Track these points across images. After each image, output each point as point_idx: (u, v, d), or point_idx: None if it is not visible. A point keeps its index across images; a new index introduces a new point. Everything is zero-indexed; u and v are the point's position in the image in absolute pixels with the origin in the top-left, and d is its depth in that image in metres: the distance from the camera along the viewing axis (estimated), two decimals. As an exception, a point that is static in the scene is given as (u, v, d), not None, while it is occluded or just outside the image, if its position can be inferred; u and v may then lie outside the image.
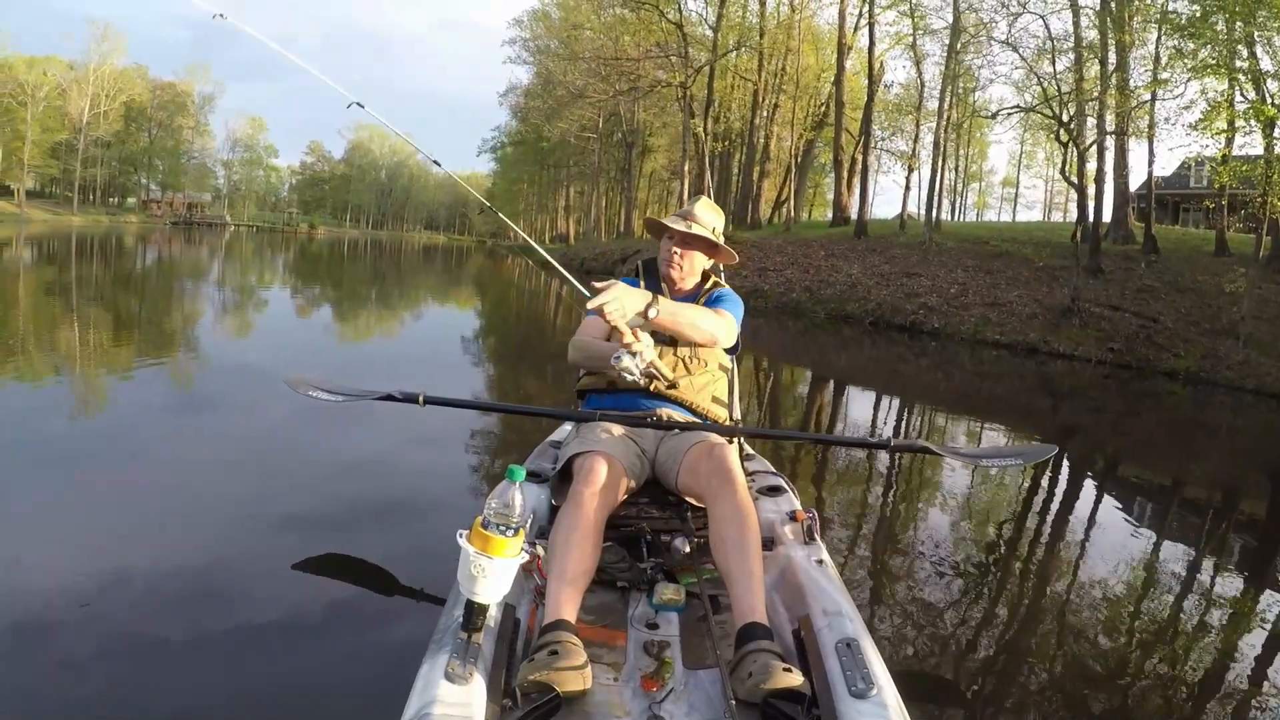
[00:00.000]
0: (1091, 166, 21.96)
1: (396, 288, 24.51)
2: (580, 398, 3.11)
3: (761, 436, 5.45)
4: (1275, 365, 14.21)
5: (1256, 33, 17.05)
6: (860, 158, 33.01)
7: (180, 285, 19.26)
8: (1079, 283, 18.19)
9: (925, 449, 3.08)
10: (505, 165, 77.87)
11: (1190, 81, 19.38)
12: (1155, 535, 5.60)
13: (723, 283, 3.17)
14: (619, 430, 2.78)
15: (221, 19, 3.88)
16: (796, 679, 1.90)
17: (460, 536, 1.91)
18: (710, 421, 2.91)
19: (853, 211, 32.32)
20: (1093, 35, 22.37)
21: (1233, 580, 4.74)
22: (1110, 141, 22.28)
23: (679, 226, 2.97)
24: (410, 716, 1.70)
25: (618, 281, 2.45)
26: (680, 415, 2.89)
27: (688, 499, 2.74)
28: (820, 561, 2.49)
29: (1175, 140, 65.82)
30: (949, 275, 21.81)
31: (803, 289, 23.16)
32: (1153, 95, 20.94)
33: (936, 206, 29.38)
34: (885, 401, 9.27)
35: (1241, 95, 18.20)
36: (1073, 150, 20.71)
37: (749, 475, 3.06)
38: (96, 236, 41.31)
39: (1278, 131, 16.43)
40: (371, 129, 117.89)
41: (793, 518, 2.80)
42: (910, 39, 30.85)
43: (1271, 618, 4.12)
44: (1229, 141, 18.76)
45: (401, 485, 4.92)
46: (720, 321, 2.76)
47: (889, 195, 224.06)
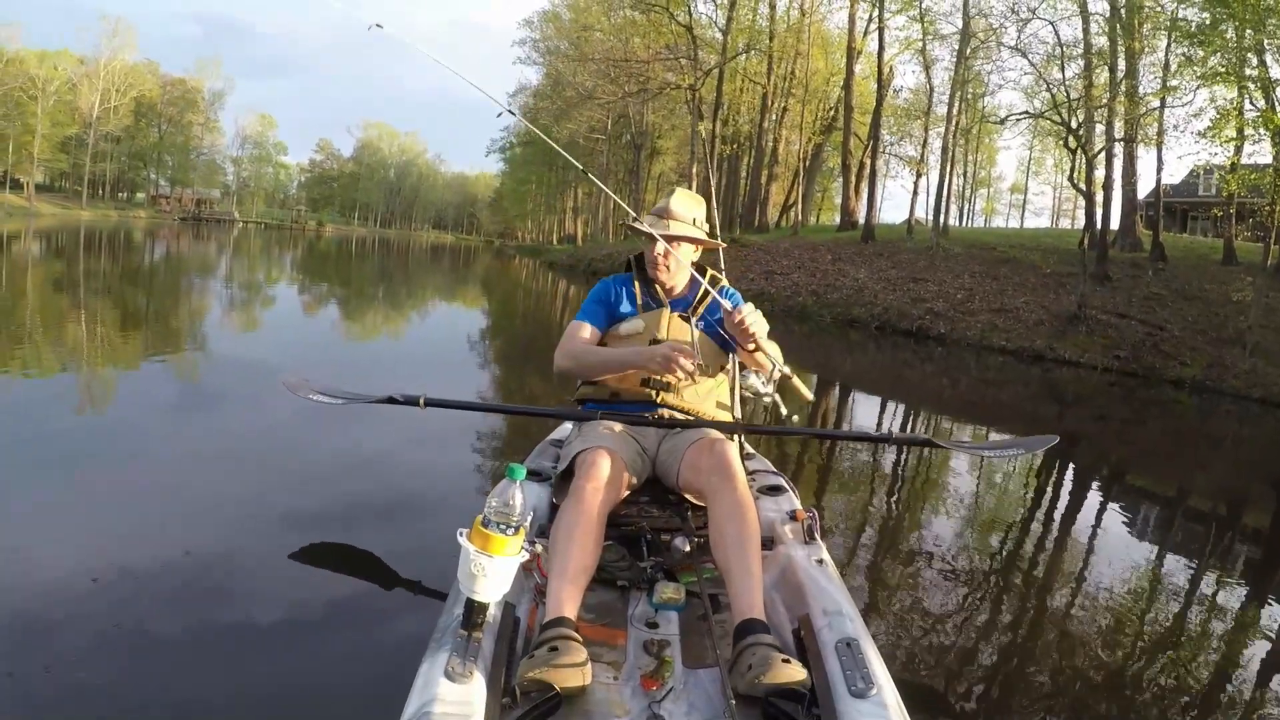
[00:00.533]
0: (1100, 173, 21.91)
1: (404, 287, 24.53)
2: (579, 406, 3.08)
3: (762, 433, 5.46)
4: (1282, 375, 14.17)
5: (1266, 41, 17.02)
6: (868, 162, 32.99)
7: (187, 281, 19.30)
8: (1086, 290, 18.16)
9: (928, 441, 3.12)
10: (514, 166, 78.03)
11: (1199, 89, 19.38)
12: (1157, 543, 5.59)
13: (721, 277, 3.12)
14: (620, 428, 2.78)
15: (378, 29, 3.88)
16: (797, 672, 1.90)
17: (460, 535, 1.90)
18: (712, 420, 2.90)
19: (860, 216, 32.32)
20: (1102, 42, 22.33)
21: (1235, 591, 4.71)
22: (1119, 148, 22.24)
23: (657, 231, 2.90)
24: (410, 715, 1.70)
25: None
26: (682, 417, 2.88)
27: (688, 497, 2.74)
28: (820, 561, 2.49)
29: (1184, 148, 65.76)
30: (956, 281, 21.79)
31: (809, 293, 23.16)
32: (1162, 102, 20.90)
33: (944, 212, 29.39)
34: (891, 406, 9.27)
35: (1251, 103, 18.17)
36: (1081, 157, 20.63)
37: (749, 474, 3.05)
38: (105, 231, 41.38)
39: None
40: (381, 128, 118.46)
41: (793, 517, 2.80)
42: (920, 44, 30.81)
43: (1275, 629, 4.10)
44: (1238, 150, 18.70)
45: (402, 484, 4.92)
46: (778, 350, 2.77)
47: (897, 200, 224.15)
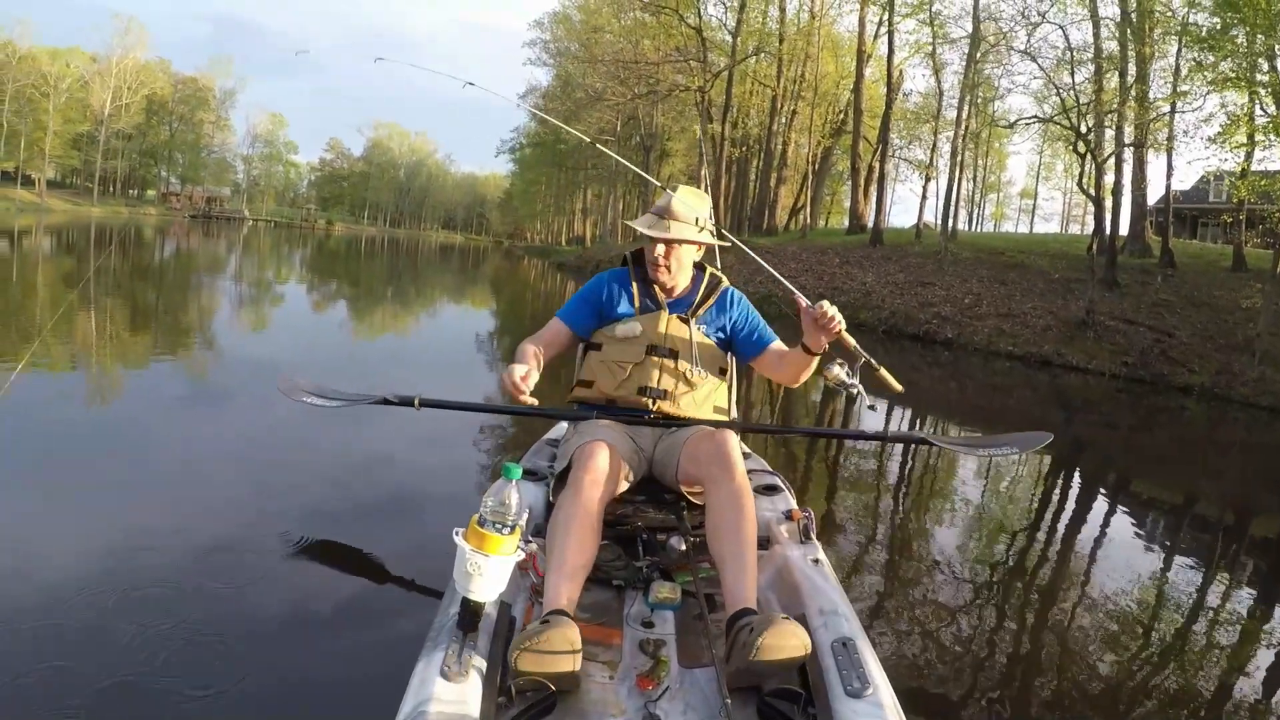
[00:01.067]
0: (1109, 179, 21.84)
1: (411, 287, 24.55)
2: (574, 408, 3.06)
3: (758, 431, 5.48)
4: (1291, 383, 14.11)
5: (1277, 46, 16.92)
6: (877, 166, 32.94)
7: (195, 279, 19.37)
8: (1094, 295, 18.11)
9: (922, 440, 3.13)
10: (523, 167, 78.13)
11: (1210, 94, 19.28)
12: (1158, 545, 5.59)
13: (720, 275, 3.05)
14: (617, 426, 2.77)
15: (471, 86, 3.93)
16: (795, 634, 1.93)
17: (456, 534, 1.92)
18: (708, 421, 2.87)
19: (869, 219, 32.23)
20: (1112, 46, 22.27)
21: (1240, 598, 4.67)
22: (1128, 154, 22.16)
23: (657, 234, 2.82)
24: (406, 714, 1.70)
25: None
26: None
27: (685, 493, 2.72)
28: (816, 560, 2.50)
29: (1194, 153, 65.37)
30: (963, 285, 21.75)
31: (816, 296, 22.88)
32: (1172, 107, 20.82)
33: (953, 216, 29.31)
34: (898, 411, 9.24)
35: (1262, 109, 18.06)
36: (1090, 162, 20.58)
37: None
38: (115, 227, 41.54)
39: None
40: (391, 128, 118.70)
41: (789, 517, 2.81)
42: (930, 48, 30.73)
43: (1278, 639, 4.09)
44: (1248, 155, 18.62)
45: (398, 483, 4.93)
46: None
47: (906, 204, 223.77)
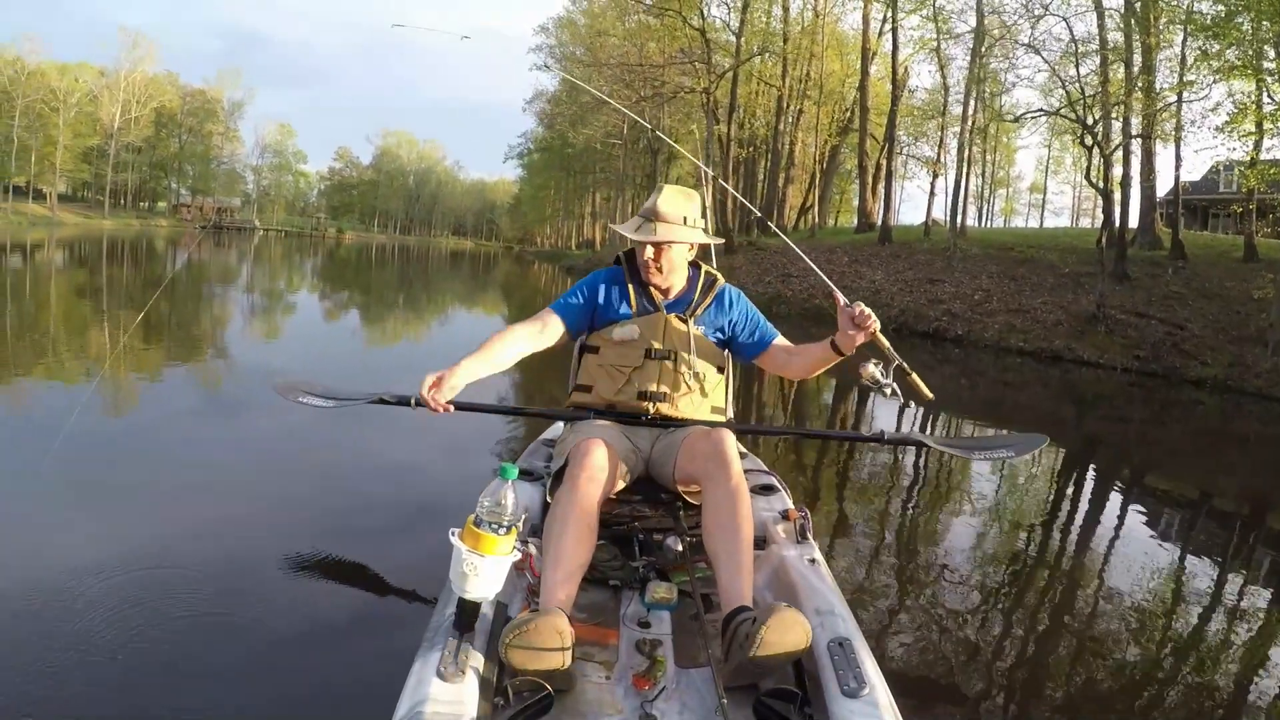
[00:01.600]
0: (1117, 171, 21.73)
1: (423, 293, 24.62)
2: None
3: (755, 432, 5.48)
4: (1304, 373, 14.02)
5: (1283, 32, 16.83)
6: (885, 163, 32.88)
7: (206, 289, 19.43)
8: (1105, 289, 18.01)
9: (919, 441, 3.12)
10: (532, 171, 78.38)
11: (1216, 83, 19.13)
12: (1167, 540, 5.56)
13: (716, 273, 2.99)
14: (614, 426, 2.76)
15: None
16: (800, 619, 1.94)
17: (452, 535, 1.92)
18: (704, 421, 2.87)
19: (878, 217, 32.18)
20: (1117, 37, 22.16)
21: (1256, 594, 4.61)
22: (1136, 145, 22.06)
23: (647, 238, 2.75)
24: (402, 715, 1.71)
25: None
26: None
27: (682, 492, 2.72)
28: (813, 560, 2.50)
29: (1202, 143, 64.88)
30: (973, 282, 21.69)
31: (826, 295, 23.04)
32: (1179, 97, 20.69)
33: (961, 212, 29.23)
34: (910, 411, 9.20)
35: (1269, 97, 17.93)
36: (1097, 154, 20.48)
37: None
38: (127, 239, 41.82)
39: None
40: (400, 136, 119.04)
41: (785, 517, 2.81)
42: (934, 43, 30.65)
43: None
44: (1257, 144, 18.46)
45: (393, 483, 4.96)
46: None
47: (916, 202, 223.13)
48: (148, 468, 4.88)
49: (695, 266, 2.96)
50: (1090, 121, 20.38)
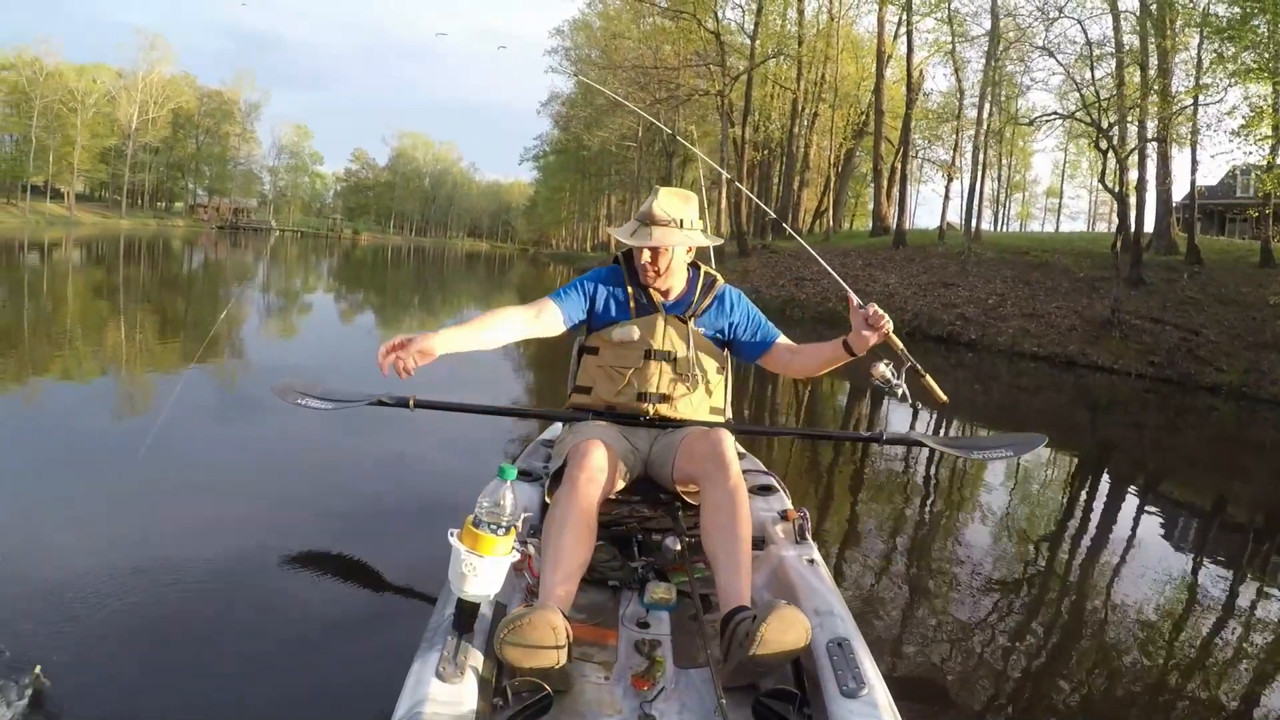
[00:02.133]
0: (1133, 175, 21.60)
1: (439, 294, 24.68)
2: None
3: (753, 432, 5.48)
4: (1321, 380, 13.89)
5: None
6: (900, 167, 32.79)
7: (223, 289, 19.54)
8: (1119, 294, 17.89)
9: (917, 441, 3.13)
10: (547, 174, 78.57)
11: (1232, 86, 18.99)
12: (1171, 543, 5.54)
13: (716, 274, 2.97)
14: (613, 426, 2.77)
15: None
16: (799, 617, 1.94)
17: (451, 535, 1.92)
18: (703, 422, 2.87)
19: (892, 221, 32.09)
20: (1133, 40, 22.03)
21: (1272, 603, 4.57)
22: (1152, 149, 21.91)
23: (642, 243, 2.73)
24: (401, 715, 1.71)
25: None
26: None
27: (681, 492, 2.72)
28: (811, 561, 2.51)
29: (1218, 147, 64.42)
30: (987, 286, 21.60)
31: (839, 299, 22.95)
32: (1195, 100, 20.54)
33: (976, 216, 29.11)
34: (915, 413, 9.17)
35: (1286, 99, 17.83)
36: (1112, 158, 20.35)
37: None
38: (144, 239, 42.10)
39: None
40: (415, 137, 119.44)
41: (784, 517, 2.81)
42: (949, 46, 30.54)
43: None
44: (1274, 148, 18.29)
45: (392, 484, 4.97)
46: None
47: (931, 205, 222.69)
48: (148, 467, 4.88)
49: (695, 267, 2.95)
50: (1105, 125, 20.28)
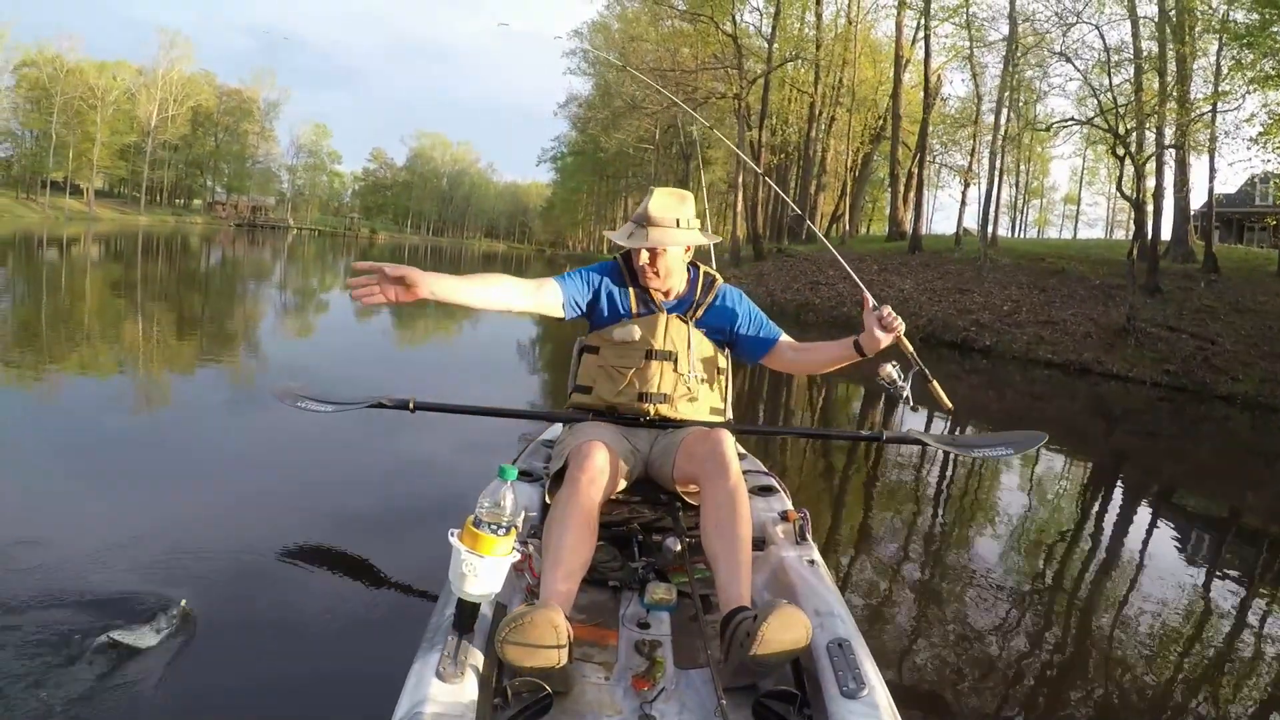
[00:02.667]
0: (1150, 182, 21.45)
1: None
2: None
3: (753, 432, 5.49)
4: (1339, 390, 13.77)
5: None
6: (917, 172, 32.69)
7: (240, 287, 19.64)
8: (1135, 302, 17.78)
9: (916, 440, 3.13)
10: (565, 175, 78.68)
11: (1251, 93, 18.84)
12: (1183, 552, 5.49)
13: (715, 274, 2.97)
14: (613, 427, 2.77)
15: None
16: (799, 616, 1.95)
17: (451, 535, 1.92)
18: (703, 421, 2.87)
19: (909, 226, 32.00)
20: (1151, 46, 21.89)
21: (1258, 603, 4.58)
22: (1169, 156, 21.77)
23: (640, 244, 2.73)
24: (401, 715, 1.72)
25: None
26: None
27: (681, 493, 2.72)
28: (812, 562, 2.51)
29: (1235, 155, 63.86)
30: (1002, 292, 21.50)
31: (854, 303, 22.89)
32: (1213, 108, 20.38)
33: (993, 222, 28.99)
34: (917, 415, 9.14)
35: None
36: (1130, 165, 20.23)
37: None
38: (162, 236, 42.37)
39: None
40: (434, 138, 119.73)
41: (784, 518, 2.81)
42: (967, 51, 30.45)
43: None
44: (1293, 157, 18.21)
45: (392, 485, 4.98)
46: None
47: (948, 211, 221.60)
48: (149, 466, 4.91)
49: (694, 267, 2.95)
50: (1123, 131, 20.16)
